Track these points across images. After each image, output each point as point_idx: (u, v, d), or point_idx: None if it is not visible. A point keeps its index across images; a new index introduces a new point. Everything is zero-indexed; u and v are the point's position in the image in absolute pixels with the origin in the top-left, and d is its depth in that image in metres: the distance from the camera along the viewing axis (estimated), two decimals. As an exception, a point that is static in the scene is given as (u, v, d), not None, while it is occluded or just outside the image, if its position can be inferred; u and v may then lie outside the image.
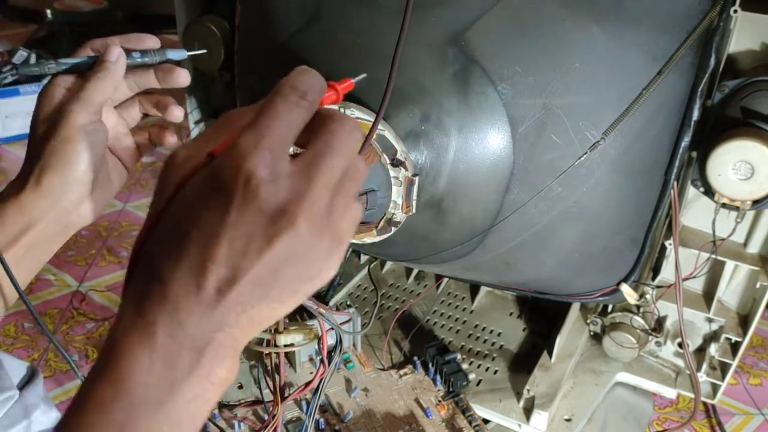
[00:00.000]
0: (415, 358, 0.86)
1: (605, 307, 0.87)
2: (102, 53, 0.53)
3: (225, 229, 0.31)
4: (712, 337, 0.84)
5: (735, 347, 0.83)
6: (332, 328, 0.63)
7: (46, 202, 0.51)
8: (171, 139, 0.59)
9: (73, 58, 0.53)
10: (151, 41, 0.56)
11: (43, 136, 0.52)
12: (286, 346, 0.65)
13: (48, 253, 0.55)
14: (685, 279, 0.76)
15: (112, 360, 0.32)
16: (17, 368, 0.60)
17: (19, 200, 0.51)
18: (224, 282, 0.31)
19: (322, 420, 0.77)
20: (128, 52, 0.54)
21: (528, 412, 0.81)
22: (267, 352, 0.66)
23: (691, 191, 0.73)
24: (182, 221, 0.32)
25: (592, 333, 0.91)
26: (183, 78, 0.56)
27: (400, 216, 0.63)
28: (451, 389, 0.82)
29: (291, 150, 0.33)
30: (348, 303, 0.97)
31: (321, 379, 0.61)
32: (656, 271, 0.81)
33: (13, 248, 0.52)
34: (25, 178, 0.52)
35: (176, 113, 0.58)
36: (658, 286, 0.80)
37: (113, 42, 0.54)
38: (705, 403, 0.91)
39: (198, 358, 0.32)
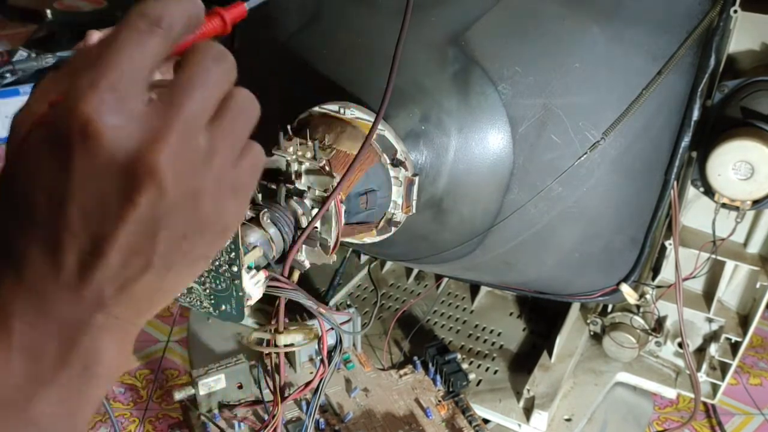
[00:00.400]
0: (415, 358, 0.86)
1: (605, 307, 0.87)
2: None
3: (72, 191, 0.26)
4: (712, 337, 0.84)
5: (735, 347, 0.83)
6: (332, 328, 0.63)
7: None
8: None
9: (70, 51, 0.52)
10: None
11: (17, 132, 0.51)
12: (286, 346, 0.64)
13: None
14: (685, 279, 0.76)
15: None
16: None
17: None
18: (86, 254, 0.26)
19: (322, 420, 0.77)
20: None
21: (528, 412, 0.81)
22: (267, 352, 0.66)
23: (691, 191, 0.73)
24: (26, 186, 0.27)
25: (592, 333, 0.91)
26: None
27: (400, 216, 0.63)
28: (451, 389, 0.82)
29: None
30: (348, 303, 0.97)
31: (321, 379, 0.61)
32: (656, 271, 0.81)
33: None
34: None
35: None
36: (658, 286, 0.80)
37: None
38: (705, 403, 0.91)
39: (69, 348, 0.27)
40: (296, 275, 0.52)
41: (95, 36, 0.54)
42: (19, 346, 0.27)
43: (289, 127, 0.55)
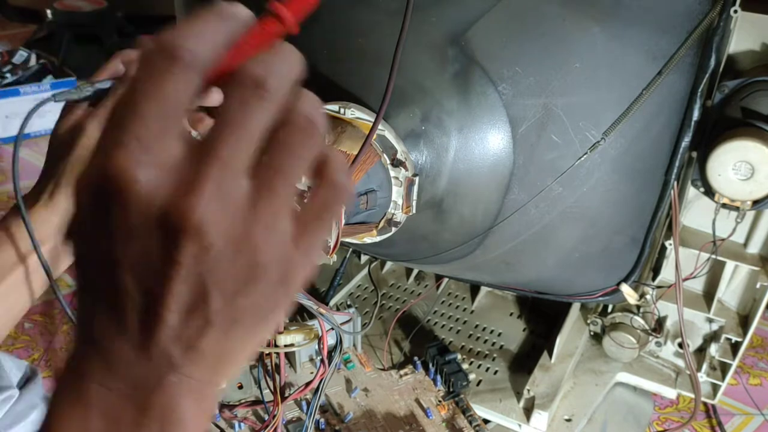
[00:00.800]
0: (416, 358, 0.86)
1: (605, 307, 0.87)
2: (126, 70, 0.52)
3: (117, 250, 0.25)
4: (712, 337, 0.84)
5: (735, 347, 0.83)
6: (332, 329, 0.63)
7: (58, 220, 0.51)
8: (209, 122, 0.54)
9: (102, 79, 0.52)
10: None
11: (60, 154, 0.51)
12: (286, 346, 0.65)
13: (58, 270, 0.54)
14: (686, 279, 0.76)
15: (47, 424, 0.27)
16: (17, 368, 0.60)
17: (31, 215, 0.51)
18: (144, 315, 0.25)
19: (322, 420, 0.77)
20: None
21: (528, 412, 0.81)
22: (267, 352, 0.66)
23: (692, 191, 0.73)
24: (82, 249, 0.26)
25: (592, 333, 0.91)
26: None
27: (400, 216, 0.63)
28: (451, 389, 0.82)
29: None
30: (348, 303, 0.97)
31: (321, 380, 0.61)
32: (656, 271, 0.81)
33: (24, 263, 0.51)
34: (38, 194, 0.52)
35: (215, 96, 0.53)
36: (659, 287, 0.80)
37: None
38: (705, 404, 0.91)
39: (145, 409, 0.26)
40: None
41: (127, 56, 0.53)
42: (96, 407, 0.26)
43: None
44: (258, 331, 0.28)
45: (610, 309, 0.86)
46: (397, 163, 0.61)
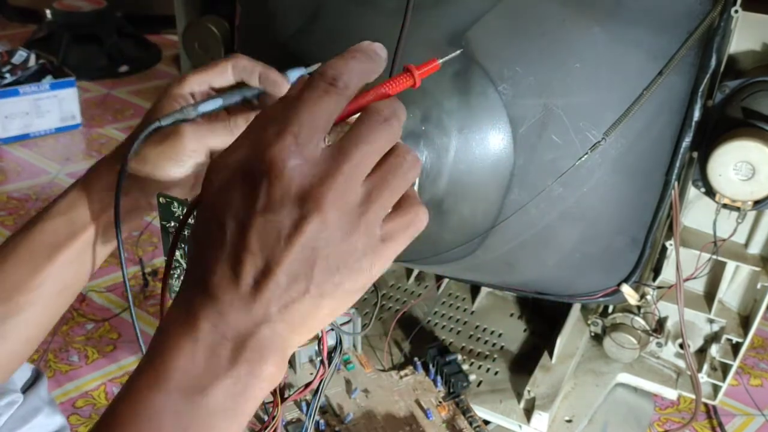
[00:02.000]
0: (416, 359, 0.86)
1: (606, 307, 0.87)
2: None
3: (255, 218, 0.32)
4: (713, 337, 0.84)
5: (736, 348, 0.83)
6: (332, 329, 0.63)
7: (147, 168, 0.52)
8: None
9: (205, 100, 0.52)
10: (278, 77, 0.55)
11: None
12: (286, 347, 0.64)
13: (128, 228, 0.55)
14: (686, 280, 0.76)
15: (156, 349, 0.33)
16: (21, 370, 0.60)
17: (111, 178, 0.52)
18: (260, 273, 0.32)
19: (322, 421, 0.77)
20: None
21: (529, 413, 0.81)
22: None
23: (692, 192, 0.73)
24: (221, 213, 0.33)
25: (592, 334, 0.91)
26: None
27: (400, 217, 0.63)
28: (451, 390, 0.82)
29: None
30: (348, 304, 0.96)
31: (321, 380, 0.61)
32: (657, 271, 0.81)
33: (96, 223, 0.52)
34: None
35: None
36: (659, 287, 0.80)
37: (255, 70, 0.54)
38: (706, 404, 0.91)
39: (240, 351, 0.32)
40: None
41: (241, 63, 0.54)
42: (203, 342, 0.32)
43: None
44: (338, 307, 0.34)
45: (610, 309, 0.86)
46: (397, 164, 0.61)
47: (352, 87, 0.34)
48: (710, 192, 0.69)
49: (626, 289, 0.74)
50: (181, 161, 0.51)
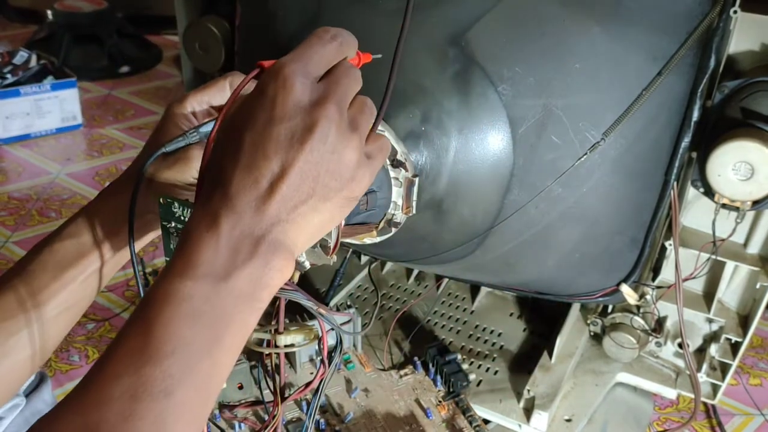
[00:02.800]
0: (416, 358, 0.86)
1: (605, 307, 0.87)
2: None
3: (272, 126, 0.37)
4: (712, 337, 0.84)
5: (735, 347, 0.83)
6: (332, 329, 0.63)
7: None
8: None
9: (206, 121, 0.54)
10: None
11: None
12: (286, 346, 0.64)
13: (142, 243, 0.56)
14: (685, 279, 0.76)
15: (183, 247, 0.37)
16: None
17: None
18: (276, 177, 0.37)
19: (322, 420, 0.77)
20: None
21: (528, 412, 0.81)
22: (267, 352, 0.66)
23: (691, 192, 0.73)
24: (240, 123, 0.38)
25: (592, 333, 0.91)
26: None
27: (400, 217, 0.63)
28: (451, 389, 0.82)
29: None
30: (348, 303, 0.97)
31: (321, 380, 0.61)
32: (656, 271, 0.81)
33: (101, 249, 0.53)
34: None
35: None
36: (659, 287, 0.80)
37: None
38: (705, 404, 0.91)
39: (256, 246, 0.37)
40: (296, 276, 0.52)
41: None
42: (226, 239, 0.37)
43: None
44: (334, 214, 0.40)
45: (610, 309, 0.86)
46: (397, 164, 0.61)
47: (344, 46, 0.41)
48: (709, 192, 0.69)
49: (625, 289, 0.74)
50: (190, 182, 0.52)
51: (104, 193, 0.55)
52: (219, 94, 0.55)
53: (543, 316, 0.97)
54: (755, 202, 0.67)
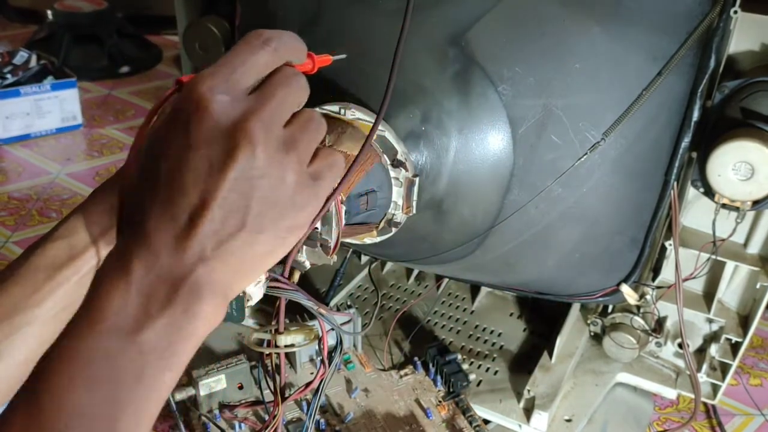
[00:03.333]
0: (416, 358, 0.86)
1: (605, 307, 0.87)
2: None
3: (188, 153, 0.33)
4: (712, 337, 0.84)
5: (735, 348, 0.83)
6: (333, 329, 0.63)
7: None
8: None
9: None
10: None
11: None
12: (286, 346, 0.64)
13: None
14: (686, 279, 0.76)
15: (92, 295, 0.33)
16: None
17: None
18: (195, 209, 0.32)
19: (322, 420, 0.77)
20: None
21: (528, 412, 0.81)
22: (267, 352, 0.66)
23: (691, 192, 0.73)
24: (156, 152, 0.34)
25: (592, 333, 0.91)
26: None
27: (400, 217, 0.63)
28: (451, 390, 0.82)
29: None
30: (348, 303, 0.97)
31: (321, 380, 0.61)
32: (656, 271, 0.81)
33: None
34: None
35: None
36: (659, 287, 0.80)
37: None
38: (705, 404, 0.91)
39: (174, 291, 0.32)
40: (297, 276, 0.52)
41: None
42: (137, 283, 0.32)
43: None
44: (277, 247, 0.35)
45: (610, 309, 0.86)
46: (397, 164, 0.61)
47: (281, 51, 0.37)
48: (709, 192, 0.69)
49: (625, 289, 0.74)
50: None
51: (97, 192, 0.55)
52: None
53: (543, 316, 0.97)
54: (755, 202, 0.67)
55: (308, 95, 0.38)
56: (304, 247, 0.52)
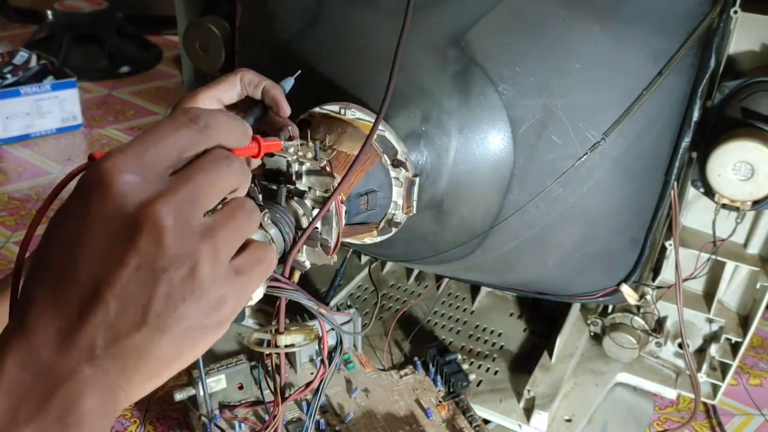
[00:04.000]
0: (416, 358, 0.86)
1: (605, 307, 0.87)
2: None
3: (83, 236, 0.28)
4: (712, 337, 0.84)
5: (735, 348, 0.83)
6: (333, 329, 0.63)
7: None
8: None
9: None
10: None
11: None
12: (286, 346, 0.64)
13: None
14: (686, 279, 0.76)
15: None
16: None
17: None
18: (86, 300, 0.28)
19: (322, 420, 0.77)
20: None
21: (528, 412, 0.81)
22: (267, 352, 0.66)
23: (692, 192, 0.73)
24: (48, 233, 0.30)
25: (592, 333, 0.91)
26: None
27: (400, 217, 0.63)
28: (451, 390, 0.82)
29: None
30: (348, 304, 0.97)
31: (321, 380, 0.61)
32: (656, 271, 0.81)
33: None
34: None
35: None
36: (659, 287, 0.80)
37: (260, 84, 0.54)
38: (705, 404, 0.91)
39: (50, 394, 0.27)
40: (297, 276, 0.52)
41: (247, 77, 0.54)
42: (7, 385, 0.27)
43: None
44: (186, 349, 0.30)
45: (610, 309, 0.87)
46: (397, 164, 0.61)
47: (212, 131, 0.33)
48: (709, 192, 0.69)
49: (626, 289, 0.74)
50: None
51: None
52: (229, 90, 0.53)
53: (543, 316, 0.97)
54: (755, 202, 0.67)
55: (247, 180, 0.34)
56: (305, 246, 0.52)
